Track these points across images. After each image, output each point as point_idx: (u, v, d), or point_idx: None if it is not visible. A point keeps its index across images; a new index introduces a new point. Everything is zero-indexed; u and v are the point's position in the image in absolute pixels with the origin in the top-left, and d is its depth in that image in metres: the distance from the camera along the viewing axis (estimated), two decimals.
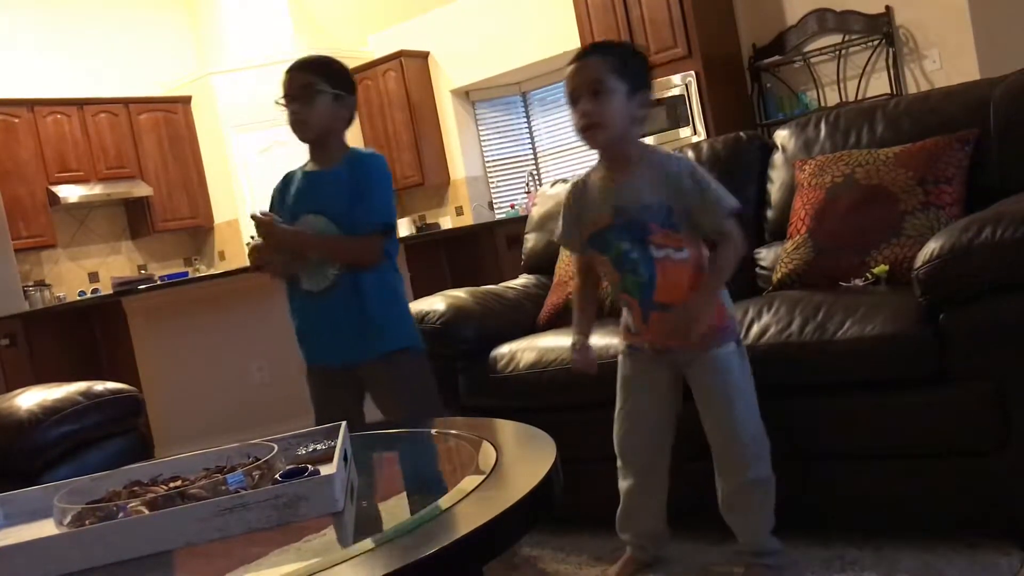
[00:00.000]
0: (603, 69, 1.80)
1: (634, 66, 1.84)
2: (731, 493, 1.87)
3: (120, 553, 1.15)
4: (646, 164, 1.84)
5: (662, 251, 1.82)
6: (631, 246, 1.83)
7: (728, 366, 1.85)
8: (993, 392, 1.77)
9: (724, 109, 5.81)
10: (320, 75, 2.23)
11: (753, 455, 1.84)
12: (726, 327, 1.87)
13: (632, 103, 1.81)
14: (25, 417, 2.15)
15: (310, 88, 2.21)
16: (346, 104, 2.27)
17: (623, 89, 1.80)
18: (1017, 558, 1.76)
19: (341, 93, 2.25)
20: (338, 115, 2.26)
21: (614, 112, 1.79)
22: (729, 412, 1.84)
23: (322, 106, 2.22)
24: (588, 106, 1.79)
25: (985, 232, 1.75)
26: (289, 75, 2.25)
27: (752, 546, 1.88)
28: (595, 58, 1.82)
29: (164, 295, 4.62)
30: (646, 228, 1.81)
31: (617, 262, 1.87)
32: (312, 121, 2.22)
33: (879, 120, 2.44)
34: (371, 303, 2.22)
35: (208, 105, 7.63)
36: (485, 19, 7.24)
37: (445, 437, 1.64)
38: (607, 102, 1.79)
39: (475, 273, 5.26)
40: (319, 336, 2.29)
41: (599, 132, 1.81)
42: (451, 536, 1.03)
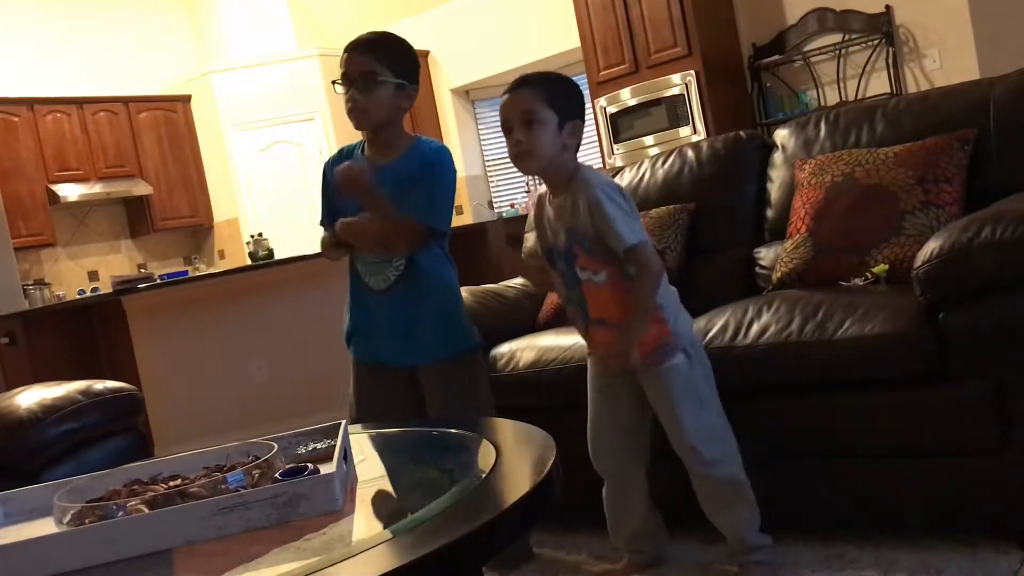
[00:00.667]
0: (534, 100, 1.86)
1: (565, 97, 1.91)
2: (702, 496, 1.91)
3: (120, 552, 1.15)
4: (573, 190, 1.89)
5: (584, 273, 1.90)
6: (566, 267, 1.93)
7: (672, 380, 1.87)
8: (993, 391, 1.77)
9: (724, 108, 5.80)
10: (383, 62, 2.07)
11: (711, 460, 1.86)
12: (667, 343, 1.87)
13: (563, 132, 1.87)
14: (25, 416, 2.15)
15: (372, 77, 2.06)
16: (408, 93, 2.13)
17: (554, 120, 1.86)
18: (1016, 557, 1.77)
19: (404, 83, 2.11)
20: (400, 105, 2.12)
21: (544, 141, 1.85)
22: (678, 422, 1.87)
23: (383, 96, 2.08)
24: (520, 135, 1.86)
25: (985, 231, 1.75)
26: (350, 56, 2.08)
27: (738, 544, 1.89)
28: (526, 90, 1.88)
29: (164, 294, 4.62)
30: (572, 251, 1.90)
31: (562, 280, 1.97)
32: (371, 111, 2.08)
33: (879, 119, 2.44)
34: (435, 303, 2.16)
35: (208, 104, 7.63)
36: (485, 18, 7.24)
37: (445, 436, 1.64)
38: (538, 132, 1.85)
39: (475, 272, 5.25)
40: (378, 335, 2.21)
41: (530, 160, 1.88)
42: (451, 535, 1.03)
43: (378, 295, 2.18)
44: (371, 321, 2.22)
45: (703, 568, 2.00)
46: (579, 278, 1.90)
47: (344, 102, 2.10)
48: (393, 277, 2.15)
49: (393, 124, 2.16)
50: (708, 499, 1.90)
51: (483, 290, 2.83)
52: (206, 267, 7.79)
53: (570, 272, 1.92)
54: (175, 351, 4.58)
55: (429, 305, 2.16)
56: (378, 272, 2.17)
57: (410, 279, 2.14)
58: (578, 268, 1.90)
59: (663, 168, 2.80)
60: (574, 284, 1.93)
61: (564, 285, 1.97)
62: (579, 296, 1.93)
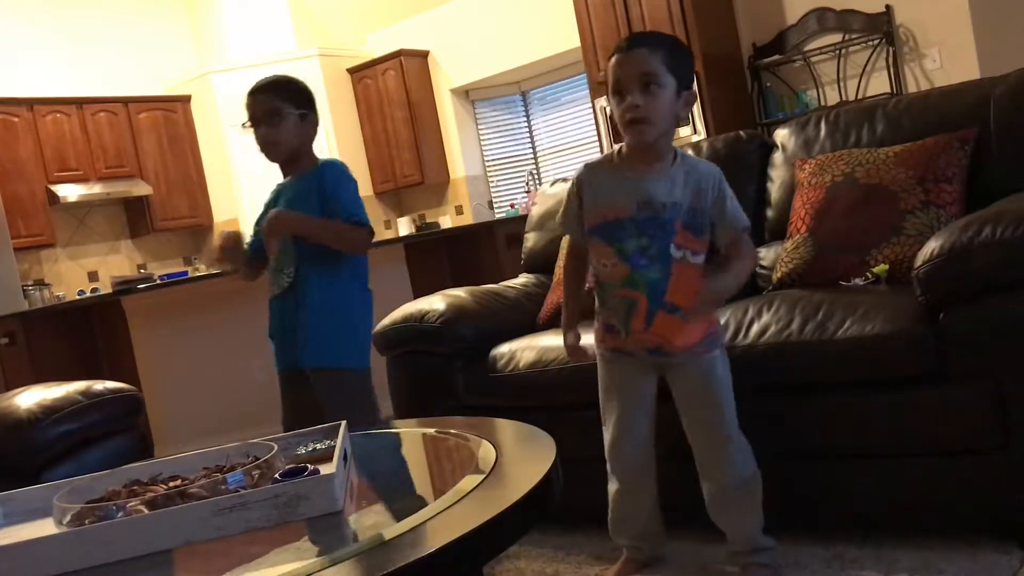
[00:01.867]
0: (655, 62, 1.73)
1: (684, 62, 1.80)
2: (718, 495, 1.87)
3: (120, 552, 1.15)
4: (679, 163, 1.82)
5: (680, 251, 1.79)
6: (650, 242, 1.78)
7: (717, 370, 1.87)
8: (993, 391, 1.77)
9: (724, 108, 5.80)
10: (283, 97, 2.31)
11: (739, 455, 1.86)
12: (715, 333, 1.90)
13: (679, 101, 1.77)
14: (25, 416, 2.15)
15: (276, 111, 2.29)
16: (311, 121, 2.35)
17: (673, 85, 1.74)
18: (1017, 557, 1.76)
19: (305, 112, 2.33)
20: (305, 133, 2.34)
21: (663, 108, 1.74)
22: (717, 414, 1.86)
23: (289, 127, 2.30)
24: (638, 99, 1.73)
25: (985, 231, 1.75)
26: (252, 98, 2.33)
27: (744, 545, 1.88)
28: (645, 50, 1.74)
29: (163, 294, 4.62)
30: (670, 226, 1.78)
31: (628, 255, 1.80)
32: (281, 143, 2.31)
33: (879, 119, 2.44)
34: (312, 313, 2.29)
35: (208, 104, 7.63)
36: (485, 18, 7.24)
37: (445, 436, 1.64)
38: (657, 97, 1.73)
39: (475, 272, 5.26)
40: (278, 339, 2.41)
41: (648, 128, 1.74)
42: (451, 536, 1.03)
43: (276, 300, 2.38)
44: (275, 326, 2.42)
45: (702, 568, 2.00)
46: (671, 256, 1.78)
47: (255, 140, 2.33)
48: (286, 283, 2.33)
49: (303, 152, 2.36)
50: (722, 497, 1.87)
51: (483, 290, 2.83)
52: (206, 267, 7.79)
53: (656, 247, 1.77)
54: (175, 351, 4.58)
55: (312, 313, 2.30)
56: (275, 280, 2.37)
57: (297, 287, 2.31)
58: (673, 246, 1.78)
59: None
60: (654, 261, 1.77)
61: (628, 263, 1.79)
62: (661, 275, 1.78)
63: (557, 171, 7.59)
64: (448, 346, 2.54)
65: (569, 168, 7.46)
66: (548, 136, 7.71)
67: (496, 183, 7.89)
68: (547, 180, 7.44)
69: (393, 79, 7.57)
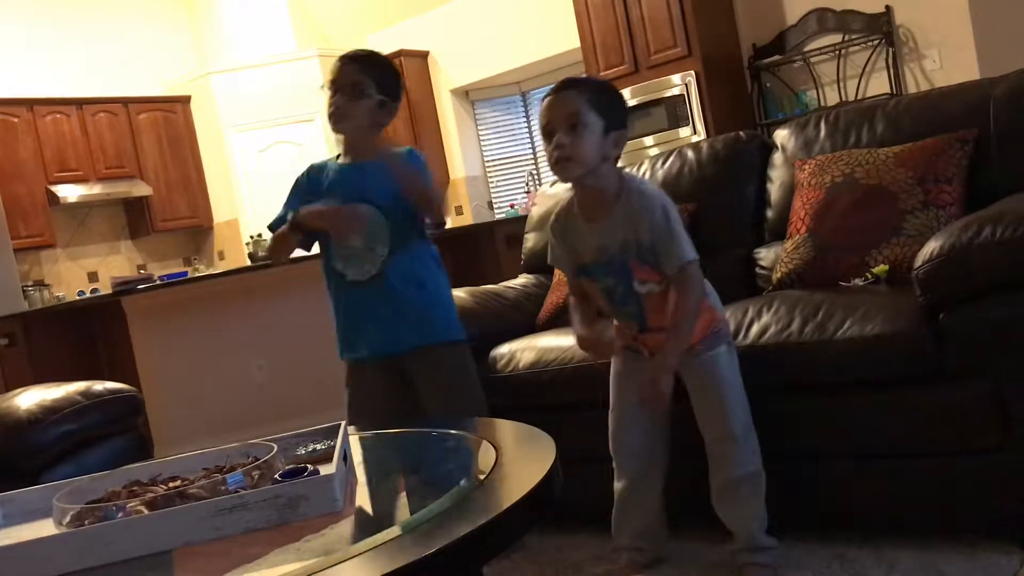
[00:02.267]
0: (580, 103, 1.80)
1: (611, 104, 1.86)
2: (721, 487, 1.89)
3: (119, 553, 1.15)
4: (623, 201, 1.85)
5: (645, 286, 1.86)
6: (616, 282, 1.88)
7: (723, 367, 1.89)
8: (993, 391, 1.77)
9: (724, 109, 5.80)
10: (372, 76, 2.21)
11: (744, 449, 1.87)
12: (716, 331, 1.90)
13: (607, 141, 1.82)
14: (24, 417, 2.15)
15: (360, 87, 2.19)
16: (388, 110, 2.25)
17: (599, 125, 1.81)
18: (1017, 557, 1.76)
19: (386, 100, 2.23)
20: (377, 119, 2.24)
21: (588, 147, 1.80)
22: (721, 407, 1.88)
23: (364, 107, 2.20)
24: (564, 139, 1.79)
25: (985, 232, 1.75)
26: (343, 65, 2.22)
27: (745, 542, 1.88)
28: (572, 92, 1.82)
29: (163, 295, 4.62)
30: (626, 267, 1.86)
31: (607, 295, 1.92)
32: (351, 119, 2.20)
33: (879, 120, 2.44)
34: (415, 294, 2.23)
35: (207, 105, 7.63)
36: (484, 18, 7.24)
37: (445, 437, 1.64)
38: (582, 137, 1.79)
39: (475, 273, 5.26)
40: (362, 328, 2.27)
41: (572, 166, 1.81)
42: (451, 536, 1.03)
43: (360, 287, 2.24)
44: (354, 315, 2.28)
45: (703, 568, 2.00)
46: (637, 292, 1.87)
47: (327, 105, 2.21)
48: (379, 265, 2.22)
49: (370, 136, 2.26)
50: (725, 490, 1.88)
51: (483, 291, 2.83)
52: (206, 268, 7.79)
53: (622, 287, 1.88)
54: (175, 352, 4.58)
55: (413, 292, 2.23)
56: (358, 264, 2.24)
57: (393, 267, 2.22)
58: (636, 282, 1.86)
59: (663, 169, 2.80)
60: (626, 299, 1.89)
61: (612, 301, 1.92)
62: (636, 309, 1.89)
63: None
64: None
65: None
66: None
67: (496, 183, 7.89)
68: (547, 181, 7.45)
69: None
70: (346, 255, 2.25)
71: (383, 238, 2.22)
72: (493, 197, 7.85)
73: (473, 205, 7.71)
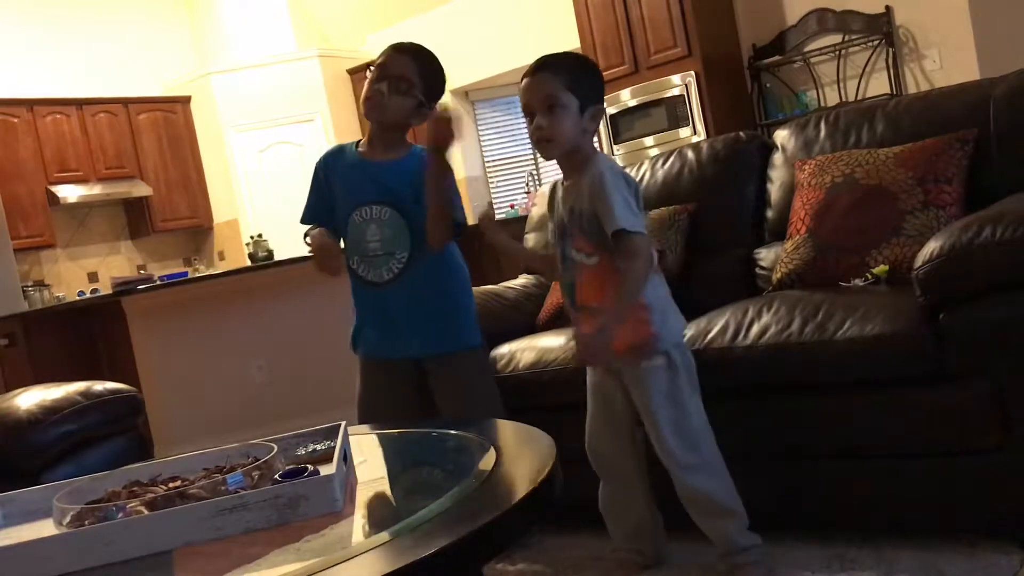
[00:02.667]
0: (556, 85, 1.85)
1: (586, 81, 1.91)
2: (683, 500, 1.90)
3: (119, 553, 1.15)
4: (585, 171, 1.90)
5: (578, 255, 1.90)
6: (563, 248, 1.93)
7: (651, 381, 1.86)
8: (993, 392, 1.77)
9: (724, 109, 5.80)
10: (420, 76, 2.17)
11: (686, 465, 1.86)
12: (645, 344, 1.86)
13: (584, 117, 1.87)
14: (24, 417, 2.15)
15: (406, 82, 2.15)
16: (422, 114, 2.20)
17: (575, 104, 1.86)
18: (1017, 558, 1.76)
19: (425, 104, 2.19)
20: (411, 118, 2.21)
21: (566, 127, 1.86)
22: (655, 424, 1.87)
23: (404, 106, 2.17)
24: (542, 121, 1.85)
25: (985, 232, 1.75)
26: (394, 55, 2.18)
27: (726, 547, 1.89)
28: (547, 74, 1.87)
29: (163, 295, 4.62)
30: (568, 233, 1.91)
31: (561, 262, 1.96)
32: (390, 110, 2.17)
33: (879, 120, 2.44)
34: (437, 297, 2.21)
35: (207, 105, 7.63)
36: (485, 19, 7.24)
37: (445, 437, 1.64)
38: (560, 117, 1.85)
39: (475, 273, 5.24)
40: (379, 329, 2.25)
41: (551, 146, 1.88)
42: (451, 536, 1.03)
43: (381, 288, 2.21)
44: (376, 316, 2.25)
45: (702, 569, 1.99)
46: (573, 260, 1.90)
47: (366, 88, 2.18)
48: (397, 269, 2.19)
49: (399, 130, 2.25)
50: (688, 503, 1.90)
51: (483, 291, 2.83)
52: (206, 268, 7.79)
53: (564, 254, 1.93)
54: (175, 352, 4.58)
55: (432, 298, 2.20)
56: (378, 267, 2.21)
57: (412, 272, 2.19)
58: (573, 249, 1.90)
59: (663, 169, 2.80)
60: (567, 267, 1.93)
61: (562, 268, 1.96)
62: (569, 280, 1.93)
63: (557, 172, 7.52)
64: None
65: None
66: None
67: (496, 184, 7.89)
68: (547, 181, 7.45)
69: None
70: (365, 257, 2.22)
71: (403, 243, 2.18)
72: (493, 197, 7.85)
73: (474, 206, 7.71)
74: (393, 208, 2.18)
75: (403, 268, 2.18)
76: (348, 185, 2.23)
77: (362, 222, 2.20)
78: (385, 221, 2.18)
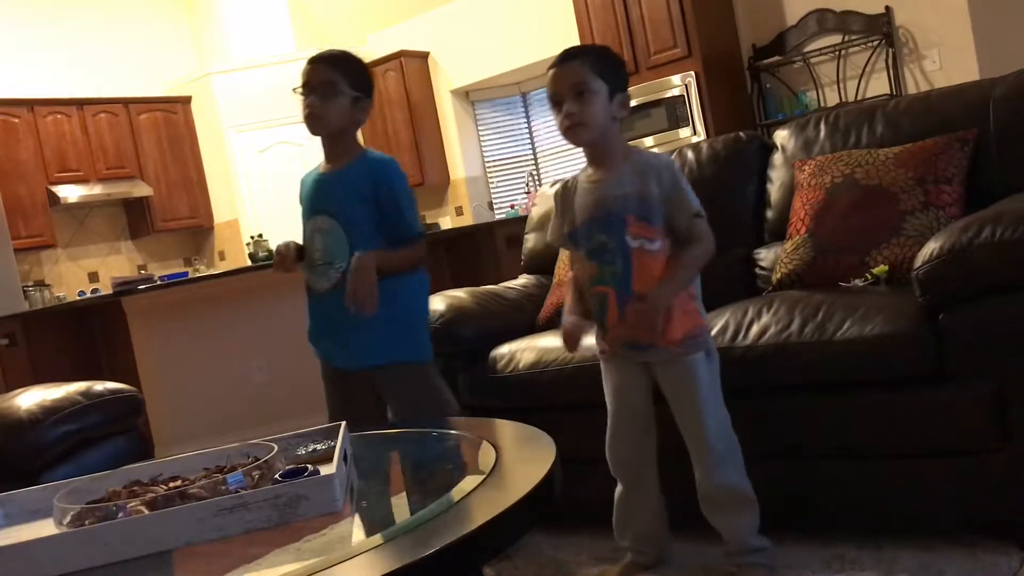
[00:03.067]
0: (585, 71, 1.87)
1: (613, 68, 1.92)
2: (705, 495, 1.90)
3: (120, 553, 1.15)
4: (629, 160, 1.90)
5: (637, 241, 1.86)
6: (608, 237, 1.89)
7: (698, 374, 1.87)
8: (992, 392, 1.77)
9: (724, 109, 5.80)
10: (343, 73, 2.20)
11: (720, 459, 1.86)
12: (696, 337, 1.88)
13: (613, 103, 1.89)
14: (25, 417, 2.15)
15: (331, 85, 2.18)
16: (362, 107, 2.24)
17: (604, 90, 1.87)
18: (1017, 558, 1.76)
19: (360, 96, 2.22)
20: (353, 117, 2.23)
21: (596, 112, 1.86)
22: (697, 418, 1.87)
23: (339, 106, 2.19)
24: (572, 107, 1.86)
25: (985, 232, 1.75)
26: (312, 66, 2.21)
27: (736, 546, 1.89)
28: (575, 62, 1.89)
29: (164, 295, 4.62)
30: (623, 219, 1.87)
31: (594, 254, 1.91)
32: (327, 118, 2.19)
33: (879, 120, 2.44)
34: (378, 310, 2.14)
35: (208, 105, 7.63)
36: (485, 19, 7.24)
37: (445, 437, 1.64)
38: (589, 103, 1.86)
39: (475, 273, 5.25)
40: (325, 336, 2.29)
41: (583, 131, 1.88)
42: (451, 536, 1.03)
43: (323, 297, 2.23)
44: (323, 324, 2.29)
45: (704, 569, 2.00)
46: (628, 247, 1.85)
47: (302, 108, 2.20)
48: (335, 278, 2.19)
49: (347, 135, 2.26)
50: (710, 500, 1.89)
51: (483, 291, 2.83)
52: (206, 268, 7.79)
53: (614, 241, 1.86)
54: (175, 352, 4.58)
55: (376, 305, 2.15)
56: (322, 274, 2.23)
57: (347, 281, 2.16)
58: (629, 236, 1.85)
59: None
60: (615, 256, 1.86)
61: (594, 261, 1.90)
62: (622, 267, 1.86)
63: (557, 172, 7.59)
64: (448, 347, 2.54)
65: (569, 169, 7.46)
66: (548, 137, 7.71)
67: (496, 184, 7.89)
68: (547, 181, 7.45)
69: (393, 80, 7.57)
70: (311, 264, 2.25)
71: (341, 252, 2.18)
72: (493, 197, 7.85)
73: (473, 205, 7.71)
74: (332, 218, 2.20)
75: (341, 277, 2.17)
76: (305, 200, 2.30)
77: (311, 233, 2.26)
78: (326, 230, 2.21)
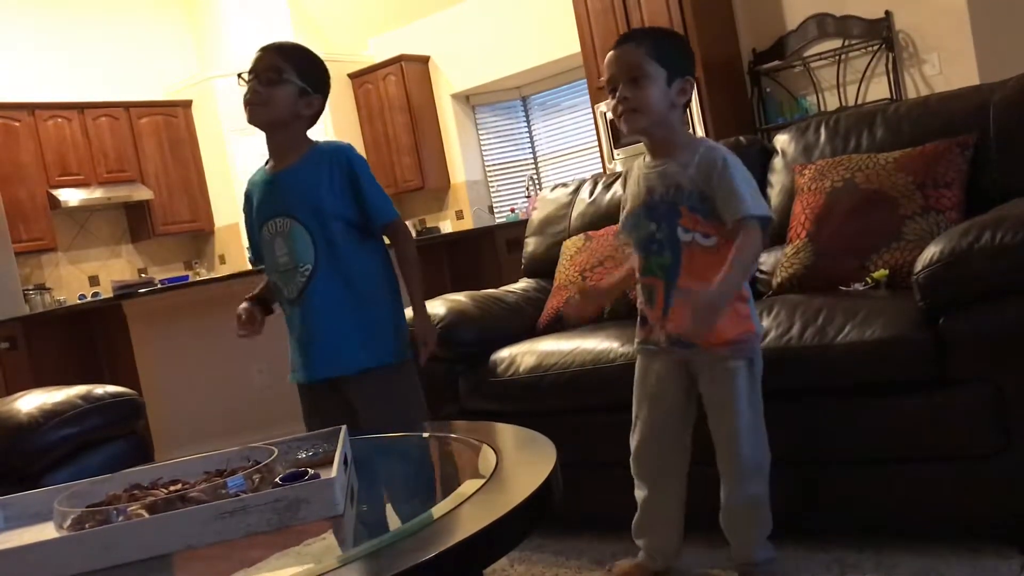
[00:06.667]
0: (640, 55, 1.80)
1: (673, 51, 1.85)
2: (727, 504, 1.87)
3: (120, 557, 1.15)
4: (689, 150, 1.84)
5: (689, 234, 1.81)
6: (658, 227, 1.84)
7: (740, 380, 1.82)
8: (993, 396, 1.77)
9: (724, 113, 5.81)
10: (291, 63, 2.09)
11: (750, 471, 1.83)
12: (744, 342, 1.83)
13: (672, 89, 1.82)
14: (25, 420, 2.15)
15: (277, 72, 2.07)
16: (310, 102, 2.12)
17: (662, 75, 1.80)
18: (1017, 563, 1.76)
19: (307, 89, 2.10)
20: (298, 110, 2.11)
21: (652, 98, 1.80)
22: (732, 425, 1.83)
23: (283, 93, 2.07)
24: (626, 92, 1.80)
25: (985, 236, 1.75)
26: (261, 54, 2.11)
27: (744, 558, 1.88)
28: (631, 45, 1.82)
29: (164, 298, 4.62)
30: (676, 209, 1.82)
31: (643, 243, 1.87)
32: (267, 106, 2.07)
33: (879, 124, 2.44)
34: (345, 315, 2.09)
35: (209, 108, 7.64)
36: (485, 23, 7.25)
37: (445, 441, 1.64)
38: (645, 88, 1.79)
39: (475, 277, 5.26)
40: (297, 348, 2.18)
41: (637, 117, 1.82)
42: (451, 540, 1.03)
43: (295, 303, 2.14)
44: (293, 332, 2.19)
45: (706, 572, 1.99)
46: (678, 240, 1.81)
47: (244, 94, 2.09)
48: (301, 282, 2.11)
49: (290, 129, 2.13)
50: (733, 514, 1.86)
51: (483, 295, 2.83)
52: (207, 272, 7.80)
53: (664, 231, 1.82)
54: (175, 356, 4.58)
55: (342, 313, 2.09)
56: (288, 281, 2.13)
57: (318, 287, 2.10)
58: (681, 228, 1.80)
59: None
60: (663, 247, 1.82)
61: (644, 251, 1.86)
62: (672, 259, 1.82)
63: (557, 176, 7.59)
64: (449, 351, 2.54)
65: (569, 173, 7.47)
66: (548, 141, 7.72)
67: (496, 188, 7.90)
68: (547, 185, 7.45)
69: (394, 84, 7.58)
70: (279, 270, 2.14)
71: (306, 255, 2.09)
72: (494, 201, 7.86)
73: (474, 209, 7.71)
74: (293, 219, 2.09)
75: (307, 280, 2.09)
76: (257, 202, 2.17)
77: (270, 237, 2.13)
78: (288, 233, 2.10)
